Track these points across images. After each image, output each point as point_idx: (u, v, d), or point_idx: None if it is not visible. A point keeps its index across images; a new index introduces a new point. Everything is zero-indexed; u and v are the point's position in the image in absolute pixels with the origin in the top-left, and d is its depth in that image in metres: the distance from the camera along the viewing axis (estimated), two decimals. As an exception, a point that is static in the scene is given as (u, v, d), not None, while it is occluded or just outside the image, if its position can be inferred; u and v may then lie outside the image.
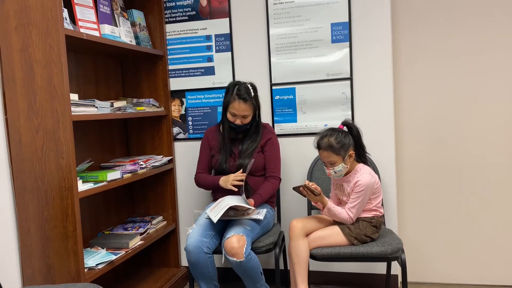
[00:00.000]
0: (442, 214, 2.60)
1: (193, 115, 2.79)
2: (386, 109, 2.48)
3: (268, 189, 2.33)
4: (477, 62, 2.48)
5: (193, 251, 2.08)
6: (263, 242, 2.16)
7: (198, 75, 2.75)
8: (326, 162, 2.09)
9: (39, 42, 1.83)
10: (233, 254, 2.00)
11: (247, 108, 2.26)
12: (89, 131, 2.47)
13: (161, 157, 2.72)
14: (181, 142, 2.83)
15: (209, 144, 2.47)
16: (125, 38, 2.44)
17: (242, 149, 2.35)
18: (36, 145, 1.88)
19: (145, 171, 2.49)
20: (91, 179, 2.13)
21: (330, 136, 2.06)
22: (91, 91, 2.50)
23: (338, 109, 2.54)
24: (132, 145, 2.83)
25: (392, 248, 1.98)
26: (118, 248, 2.28)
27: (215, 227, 2.19)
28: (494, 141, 2.50)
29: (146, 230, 2.57)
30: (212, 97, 2.75)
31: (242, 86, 2.28)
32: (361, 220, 2.08)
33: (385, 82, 2.47)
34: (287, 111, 2.62)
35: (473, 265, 2.59)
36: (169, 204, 2.82)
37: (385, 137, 2.49)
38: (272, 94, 2.63)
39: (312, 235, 2.06)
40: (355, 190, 2.05)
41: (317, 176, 2.48)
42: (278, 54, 2.59)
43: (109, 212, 2.64)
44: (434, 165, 2.58)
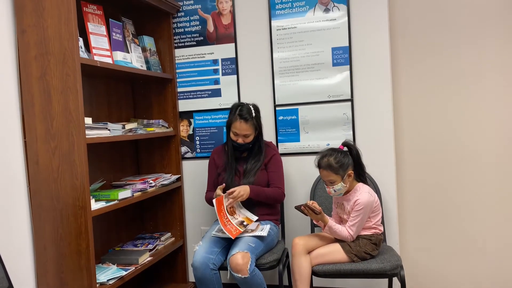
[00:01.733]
0: (444, 231, 2.66)
1: (201, 135, 2.90)
2: (386, 129, 2.57)
3: (269, 190, 2.43)
4: (476, 83, 2.57)
5: (199, 267, 2.16)
6: (267, 259, 2.24)
7: (205, 96, 2.87)
8: (326, 181, 2.18)
9: (57, 70, 1.96)
10: (238, 270, 2.09)
11: (248, 127, 2.37)
12: (101, 152, 2.59)
13: (170, 176, 2.82)
14: (189, 161, 2.94)
15: (215, 163, 2.57)
16: (136, 63, 2.57)
17: (246, 168, 2.45)
18: (52, 167, 1.99)
19: (154, 189, 2.59)
20: (103, 198, 2.24)
21: (330, 156, 2.15)
22: (104, 113, 2.62)
23: (339, 129, 2.64)
24: (142, 164, 2.94)
25: (391, 264, 2.05)
26: (128, 264, 2.37)
27: (220, 244, 2.28)
28: (497, 157, 2.57)
29: (155, 246, 2.66)
30: (219, 117, 2.86)
31: (244, 107, 2.40)
32: (361, 237, 2.16)
33: (385, 103, 2.56)
34: (290, 131, 2.72)
35: (475, 282, 2.63)
36: (177, 221, 2.92)
37: (385, 156, 2.58)
38: (276, 114, 2.74)
39: (314, 252, 2.14)
40: (354, 208, 2.13)
41: (320, 194, 2.56)
42: (282, 77, 2.70)
43: (119, 229, 2.74)
44: (435, 183, 2.66)
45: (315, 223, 2.24)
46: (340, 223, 2.24)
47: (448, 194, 2.64)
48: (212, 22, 2.82)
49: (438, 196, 2.65)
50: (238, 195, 2.29)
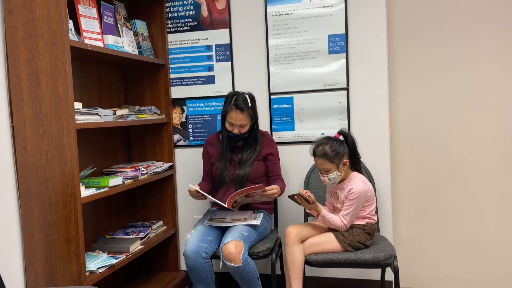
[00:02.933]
0: (437, 221, 2.65)
1: (194, 123, 2.86)
2: (381, 118, 2.54)
3: (283, 185, 2.43)
4: (472, 72, 2.55)
5: (191, 256, 2.13)
6: (260, 248, 2.22)
7: (198, 83, 2.82)
8: (321, 170, 2.15)
9: (45, 52, 1.90)
10: (230, 259, 2.06)
11: (244, 118, 2.33)
12: (92, 138, 2.54)
13: (162, 164, 2.78)
14: (181, 149, 2.90)
15: (208, 152, 2.53)
16: (128, 47, 2.51)
17: (241, 158, 2.41)
18: (41, 152, 1.94)
19: (146, 177, 2.55)
20: (93, 185, 2.20)
21: (325, 144, 2.12)
22: (95, 99, 2.57)
23: (334, 118, 2.61)
24: (134, 151, 2.90)
25: (384, 254, 2.04)
26: (119, 252, 2.34)
27: (213, 233, 2.26)
28: (489, 149, 2.56)
29: (146, 234, 2.63)
30: (212, 105, 2.82)
31: (240, 97, 2.35)
32: (355, 227, 2.14)
33: (381, 93, 2.53)
34: (285, 120, 2.69)
35: (467, 273, 2.63)
36: (169, 210, 2.88)
37: (380, 146, 2.56)
38: (271, 103, 2.70)
39: (307, 242, 2.12)
40: (348, 197, 2.11)
41: (313, 183, 2.54)
42: (277, 64, 2.66)
43: (110, 217, 2.70)
44: (429, 173, 2.64)
45: (309, 212, 2.22)
46: (333, 213, 2.22)
47: (442, 185, 2.63)
48: (206, 6, 2.75)
49: (432, 187, 2.64)
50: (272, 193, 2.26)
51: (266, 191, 2.22)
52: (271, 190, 2.25)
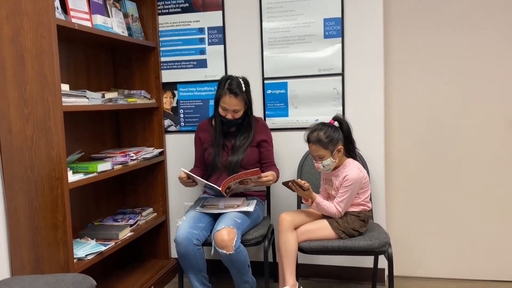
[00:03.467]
0: (430, 209, 2.64)
1: (185, 108, 2.79)
2: (376, 105, 2.51)
3: (277, 171, 2.39)
4: (468, 60, 2.51)
5: (182, 243, 2.09)
6: (252, 235, 2.18)
7: (190, 67, 2.75)
8: (315, 156, 2.11)
9: (30, 31, 1.82)
10: (223, 246, 2.02)
11: (238, 103, 2.27)
12: (80, 122, 2.46)
13: (152, 149, 2.72)
14: (172, 135, 2.83)
15: (200, 138, 2.48)
16: (117, 29, 2.43)
17: (235, 144, 2.36)
18: (26, 135, 1.87)
19: (135, 163, 2.49)
20: (81, 170, 2.13)
21: (320, 130, 2.08)
22: (82, 82, 2.48)
23: (329, 104, 2.56)
24: (123, 136, 2.83)
25: (379, 242, 2.01)
26: (108, 239, 2.28)
27: (205, 219, 2.21)
28: (482, 137, 2.54)
29: (136, 221, 2.58)
30: (204, 90, 2.75)
31: (234, 81, 2.29)
32: (349, 214, 2.11)
33: (376, 79, 2.49)
34: (278, 106, 2.63)
35: (459, 260, 2.63)
36: (159, 196, 2.83)
37: (375, 132, 2.52)
38: (264, 88, 2.64)
39: (301, 229, 2.09)
40: (343, 184, 2.07)
41: (307, 170, 2.50)
42: (271, 48, 2.59)
43: (99, 203, 2.64)
44: (422, 160, 2.62)
45: (303, 201, 2.18)
46: (328, 200, 2.18)
47: (437, 173, 2.61)
48: (199, -12, 2.68)
49: (426, 175, 2.62)
50: (267, 180, 2.21)
51: (261, 177, 2.17)
52: (266, 177, 2.20)
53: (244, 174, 2.15)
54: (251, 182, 2.20)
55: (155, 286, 2.57)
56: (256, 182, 2.20)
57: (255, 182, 2.20)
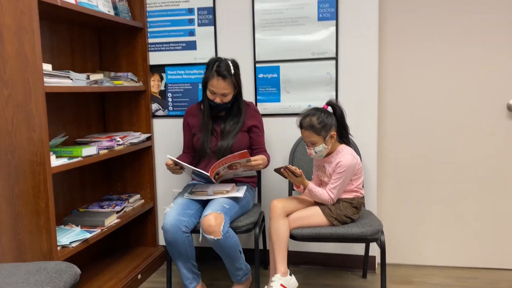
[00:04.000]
0: (421, 196, 2.61)
1: (173, 92, 2.70)
2: (370, 90, 2.45)
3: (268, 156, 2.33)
4: (468, 42, 2.46)
5: (170, 230, 2.03)
6: (243, 222, 2.12)
7: (179, 49, 2.66)
8: (307, 142, 2.06)
9: (9, 6, 1.72)
10: (210, 232, 1.96)
11: (226, 86, 2.19)
12: (64, 105, 2.36)
13: (139, 134, 2.64)
14: (160, 119, 2.75)
15: (189, 123, 2.40)
16: (103, 7, 2.32)
17: (224, 128, 2.29)
18: (5, 117, 1.78)
19: (122, 148, 2.41)
20: (65, 154, 2.05)
21: (313, 115, 2.02)
22: (67, 63, 2.38)
23: (322, 89, 2.50)
24: (109, 120, 2.73)
25: (372, 229, 1.98)
26: (93, 226, 2.21)
27: (194, 206, 2.15)
28: (474, 128, 2.51)
29: (123, 208, 2.51)
30: (193, 73, 2.66)
31: (222, 63, 2.21)
32: (341, 201, 2.06)
33: (371, 63, 2.43)
34: (270, 90, 2.57)
35: (450, 247, 2.62)
36: (147, 183, 2.75)
37: (368, 118, 2.47)
38: (256, 72, 2.56)
39: (293, 216, 2.04)
40: (336, 171, 2.02)
41: (299, 157, 2.45)
42: (263, 31, 2.51)
43: (84, 189, 2.56)
44: (416, 147, 2.58)
45: (295, 188, 2.13)
46: (320, 186, 2.14)
47: (430, 160, 2.58)
48: (188, -33, 2.57)
49: (418, 161, 2.59)
50: (256, 163, 2.15)
51: (250, 161, 2.11)
52: (255, 161, 2.14)
53: (232, 158, 2.08)
54: (240, 166, 2.14)
55: (142, 274, 2.52)
56: (245, 166, 2.14)
57: (245, 166, 2.14)
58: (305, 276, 2.56)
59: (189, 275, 2.13)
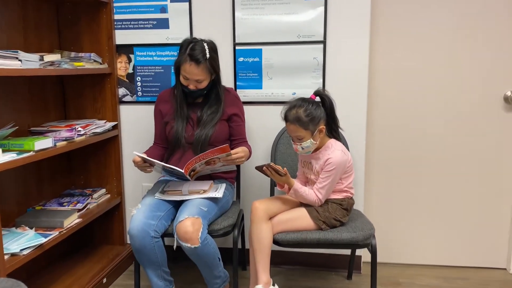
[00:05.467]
0: (409, 193, 2.45)
1: (143, 75, 2.42)
2: (360, 78, 2.25)
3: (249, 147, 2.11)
4: (456, 34, 2.28)
5: (137, 236, 1.79)
6: (220, 225, 1.90)
7: (149, 27, 2.37)
8: (293, 137, 1.84)
9: None
10: (186, 239, 1.74)
11: (200, 72, 1.94)
12: (14, 90, 2.06)
13: (104, 122, 2.36)
14: (128, 106, 2.47)
15: (161, 111, 2.14)
16: (59, -23, 2.01)
17: (201, 117, 2.05)
18: None
19: (83, 139, 2.14)
20: (14, 148, 1.77)
21: (299, 107, 1.80)
22: (18, 41, 2.07)
23: (308, 76, 2.27)
24: (70, 107, 2.44)
25: (364, 234, 1.79)
26: (50, 228, 1.95)
27: (164, 207, 1.91)
28: (468, 121, 2.35)
29: (86, 205, 2.24)
30: (166, 54, 2.39)
31: (197, 45, 1.95)
32: (330, 202, 1.87)
33: (362, 49, 2.22)
34: (251, 76, 2.32)
35: (437, 246, 2.49)
36: (113, 176, 2.49)
37: (357, 109, 2.27)
38: (236, 55, 2.31)
39: (276, 218, 1.83)
40: (325, 168, 1.82)
41: (283, 150, 2.23)
42: (244, 9, 2.25)
43: (41, 183, 2.28)
44: (405, 142, 2.41)
45: (278, 187, 1.91)
46: (306, 185, 1.94)
47: (419, 155, 2.41)
48: None
49: (408, 157, 2.42)
50: (237, 157, 1.91)
51: (230, 155, 1.88)
52: (236, 154, 1.91)
53: (211, 153, 1.85)
54: (219, 161, 1.91)
55: (108, 278, 2.28)
56: (225, 161, 1.91)
57: (224, 161, 1.91)
58: (286, 277, 2.38)
59: (161, 283, 1.91)
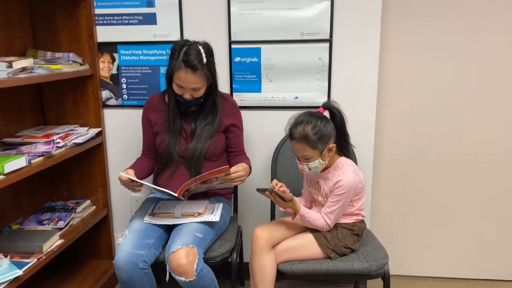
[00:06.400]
0: (417, 202, 2.28)
1: (128, 76, 2.18)
2: (369, 80, 2.04)
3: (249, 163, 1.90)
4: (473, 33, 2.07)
5: (124, 268, 1.59)
6: (218, 251, 1.71)
7: (134, 23, 2.11)
8: (299, 156, 1.64)
9: None
10: (180, 272, 1.55)
11: (197, 79, 1.71)
12: (-18, 98, 1.82)
13: (87, 130, 2.13)
14: (112, 110, 2.24)
15: (150, 119, 1.92)
16: (29, -32, 1.74)
17: (196, 128, 1.83)
18: None
19: (64, 151, 1.92)
20: (-20, 172, 1.55)
21: (307, 123, 1.59)
22: (-17, 42, 1.82)
23: (312, 78, 2.06)
24: (49, 112, 2.20)
25: (377, 264, 1.62)
26: (28, 254, 1.75)
27: (154, 233, 1.71)
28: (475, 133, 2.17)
29: (68, 222, 2.04)
30: (153, 53, 2.14)
31: (191, 49, 1.71)
32: (340, 227, 1.68)
33: (371, 48, 2.00)
34: (249, 78, 2.10)
35: (445, 257, 2.34)
36: (98, 186, 2.28)
37: (365, 115, 2.08)
38: (231, 55, 2.08)
39: (281, 246, 1.65)
40: (335, 192, 1.63)
41: (284, 161, 2.03)
42: (241, 3, 2.01)
43: (18, 197, 2.06)
44: (415, 150, 2.22)
45: (281, 208, 1.71)
46: (312, 204, 1.76)
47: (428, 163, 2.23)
48: None
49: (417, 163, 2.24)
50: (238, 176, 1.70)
51: (229, 174, 1.68)
52: (236, 172, 1.70)
53: (210, 174, 1.65)
54: (217, 180, 1.71)
55: (96, 299, 2.10)
56: (223, 180, 1.71)
57: (222, 180, 1.71)
58: (288, 294, 2.22)
59: (151, 314, 1.73)
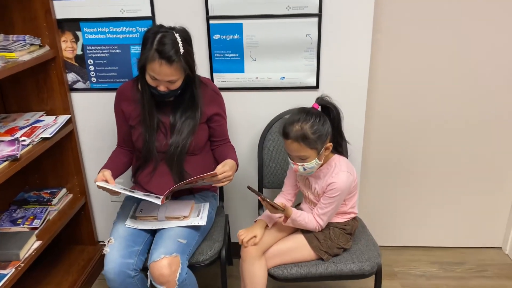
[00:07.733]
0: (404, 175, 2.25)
1: (95, 57, 1.96)
2: (361, 59, 1.88)
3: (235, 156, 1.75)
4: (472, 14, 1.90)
5: (116, 279, 1.52)
6: (206, 254, 1.64)
7: (97, -3, 1.86)
8: (294, 156, 1.52)
9: None
10: (162, 282, 1.49)
11: (173, 71, 1.52)
12: None
13: (55, 119, 1.94)
14: (81, 93, 2.03)
15: (124, 111, 1.75)
16: None
17: (175, 123, 1.67)
18: None
19: (30, 149, 1.74)
20: None
21: (304, 122, 1.46)
22: None
23: (299, 57, 1.88)
24: (10, 99, 1.99)
25: (370, 265, 1.58)
26: (5, 263, 1.66)
27: (141, 239, 1.62)
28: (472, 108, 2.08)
29: (45, 218, 1.93)
30: (122, 31, 1.91)
31: (166, 38, 1.50)
32: (332, 226, 1.62)
33: (364, 23, 1.82)
34: (230, 57, 1.90)
35: (431, 228, 2.36)
36: (73, 174, 2.14)
37: (356, 96, 1.94)
38: (210, 31, 1.86)
39: (271, 250, 1.59)
40: (328, 194, 1.54)
41: (271, 148, 1.91)
42: (218, -27, 1.76)
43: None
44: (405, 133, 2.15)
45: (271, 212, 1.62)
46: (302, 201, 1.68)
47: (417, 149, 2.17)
48: None
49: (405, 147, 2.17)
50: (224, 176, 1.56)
51: (216, 175, 1.56)
52: (223, 173, 1.56)
53: (195, 180, 1.54)
54: (202, 180, 1.60)
55: None
56: (209, 181, 1.60)
57: (208, 181, 1.60)
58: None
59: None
